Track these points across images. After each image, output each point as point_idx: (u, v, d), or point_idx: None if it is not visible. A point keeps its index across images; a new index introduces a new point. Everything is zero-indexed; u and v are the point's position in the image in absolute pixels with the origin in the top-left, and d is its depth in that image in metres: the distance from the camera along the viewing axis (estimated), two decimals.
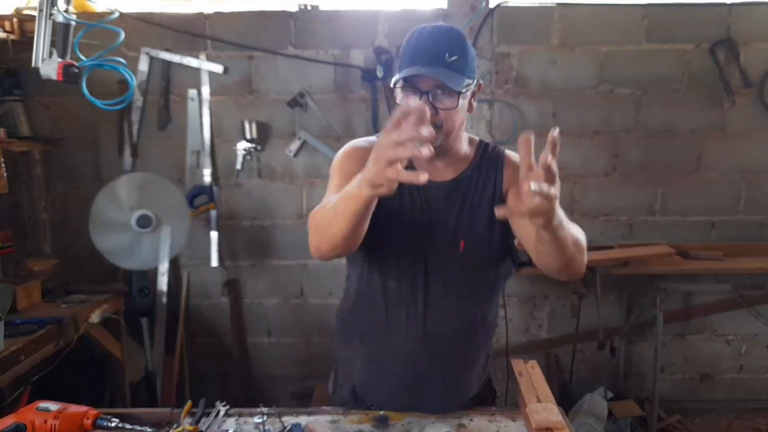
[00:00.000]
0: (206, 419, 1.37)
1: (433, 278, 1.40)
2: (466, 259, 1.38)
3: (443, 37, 1.29)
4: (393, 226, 1.38)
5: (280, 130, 3.17)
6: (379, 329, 1.46)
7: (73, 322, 2.50)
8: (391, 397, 1.47)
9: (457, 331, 1.43)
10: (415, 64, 1.26)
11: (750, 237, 3.24)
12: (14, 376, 2.17)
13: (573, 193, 3.23)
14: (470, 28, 3.05)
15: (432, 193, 1.40)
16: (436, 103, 1.28)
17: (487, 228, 1.39)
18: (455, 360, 1.46)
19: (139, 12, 3.05)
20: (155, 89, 3.11)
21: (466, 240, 1.37)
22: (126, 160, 3.16)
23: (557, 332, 3.37)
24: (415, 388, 1.46)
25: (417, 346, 1.43)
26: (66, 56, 2.28)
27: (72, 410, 1.32)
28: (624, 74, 3.12)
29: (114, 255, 2.81)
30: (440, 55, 1.27)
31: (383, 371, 1.48)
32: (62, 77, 2.24)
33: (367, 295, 1.47)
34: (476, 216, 1.39)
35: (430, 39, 1.29)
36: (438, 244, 1.38)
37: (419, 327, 1.42)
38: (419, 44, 1.30)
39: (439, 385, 1.46)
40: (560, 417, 1.26)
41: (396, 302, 1.42)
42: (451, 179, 1.41)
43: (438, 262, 1.39)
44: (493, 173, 1.42)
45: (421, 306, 1.41)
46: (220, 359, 3.37)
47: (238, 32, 3.08)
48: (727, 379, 3.43)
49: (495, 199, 1.39)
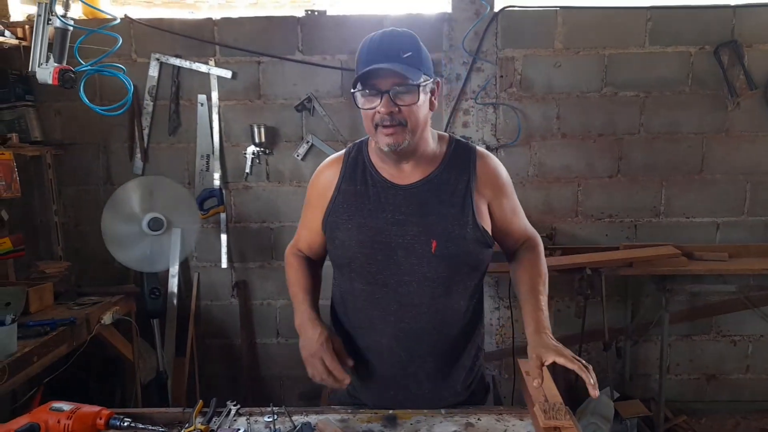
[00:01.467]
0: (217, 419, 1.38)
1: (406, 278, 1.42)
2: (439, 258, 1.40)
3: (395, 37, 1.33)
4: (363, 231, 1.42)
5: (288, 134, 3.21)
6: (359, 329, 1.51)
7: (85, 323, 2.53)
8: (378, 393, 1.52)
9: (434, 327, 1.46)
10: (370, 64, 1.29)
11: (755, 238, 3.24)
12: (27, 377, 2.20)
13: (577, 195, 3.25)
14: (475, 32, 3.08)
15: (401, 196, 1.42)
16: (397, 100, 1.30)
17: (459, 226, 1.41)
18: (435, 354, 1.49)
19: (149, 18, 3.10)
20: (165, 94, 3.16)
21: (438, 240, 1.39)
22: (137, 164, 3.20)
23: (563, 333, 3.36)
24: (400, 384, 1.50)
25: (394, 343, 1.47)
26: (63, 61, 2.27)
27: (85, 410, 1.33)
28: (628, 77, 3.13)
29: (125, 257, 2.84)
30: (395, 52, 1.30)
31: (368, 369, 1.52)
32: (57, 82, 2.23)
33: (346, 297, 1.52)
34: (448, 215, 1.41)
35: (382, 40, 1.33)
36: (409, 245, 1.40)
37: (395, 325, 1.45)
38: (372, 47, 1.33)
39: (424, 380, 1.50)
40: (568, 416, 1.27)
41: (371, 303, 1.46)
42: (419, 180, 1.43)
43: (410, 263, 1.41)
44: (466, 171, 1.44)
45: (395, 306, 1.44)
46: (230, 360, 3.41)
47: (247, 38, 3.12)
48: (734, 379, 3.43)
49: (467, 196, 1.42)
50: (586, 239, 3.28)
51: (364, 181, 1.45)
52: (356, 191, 1.44)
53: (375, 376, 1.52)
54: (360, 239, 1.42)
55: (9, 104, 3.00)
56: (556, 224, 3.27)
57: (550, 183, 3.24)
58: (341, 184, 1.46)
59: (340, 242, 1.45)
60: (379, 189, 1.43)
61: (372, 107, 1.32)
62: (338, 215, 1.45)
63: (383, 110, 1.31)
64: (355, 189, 1.45)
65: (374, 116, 1.33)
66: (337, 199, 1.46)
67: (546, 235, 3.15)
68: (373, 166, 1.46)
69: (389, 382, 1.51)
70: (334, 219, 1.46)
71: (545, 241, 3.09)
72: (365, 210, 1.42)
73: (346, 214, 1.44)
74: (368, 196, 1.43)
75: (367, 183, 1.44)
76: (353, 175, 1.46)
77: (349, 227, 1.42)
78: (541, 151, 3.21)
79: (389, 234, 1.41)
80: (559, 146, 3.20)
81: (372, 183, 1.44)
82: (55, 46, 2.26)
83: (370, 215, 1.42)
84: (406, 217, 1.41)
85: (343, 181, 1.46)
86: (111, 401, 3.14)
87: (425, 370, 1.49)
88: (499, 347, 3.36)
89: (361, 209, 1.42)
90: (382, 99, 1.30)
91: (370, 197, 1.43)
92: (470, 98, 3.16)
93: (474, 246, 1.43)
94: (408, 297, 1.43)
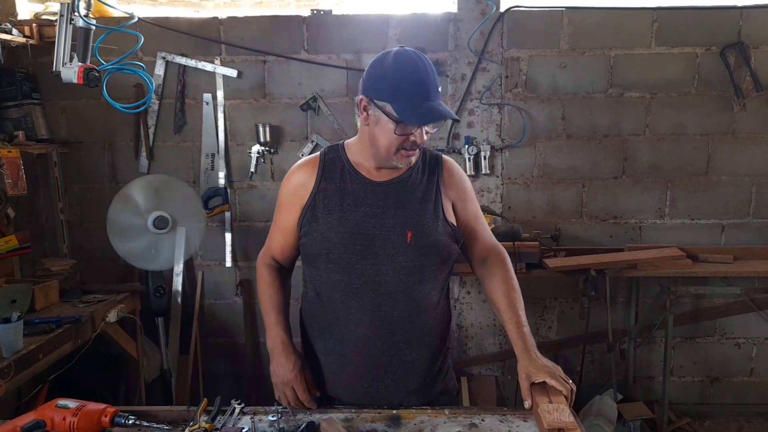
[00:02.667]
0: (222, 417, 1.39)
1: (383, 268, 1.49)
2: (414, 247, 1.49)
3: (429, 67, 1.41)
4: (342, 223, 1.50)
5: (292, 133, 3.22)
6: (336, 321, 1.55)
7: (90, 321, 2.55)
8: (350, 386, 1.56)
9: (408, 315, 1.52)
10: (425, 100, 1.38)
11: (760, 240, 3.23)
12: (32, 374, 2.21)
13: (582, 196, 3.25)
14: (481, 33, 3.08)
15: (377, 191, 1.52)
16: (428, 128, 1.45)
17: (432, 219, 1.52)
18: (410, 342, 1.54)
19: (155, 17, 3.11)
20: (171, 93, 3.17)
21: (413, 231, 1.49)
22: (142, 162, 3.21)
23: (567, 334, 3.38)
24: (374, 375, 1.54)
25: (371, 332, 1.51)
26: (86, 60, 2.31)
27: (90, 408, 1.34)
28: (633, 78, 3.13)
29: (130, 256, 2.85)
30: (435, 86, 1.41)
31: (342, 362, 1.56)
32: (83, 81, 2.28)
33: (323, 291, 1.56)
34: (422, 209, 1.52)
35: (424, 72, 1.40)
36: (386, 236, 1.49)
37: (372, 314, 1.50)
38: (420, 80, 1.39)
39: (397, 369, 1.54)
40: (572, 417, 1.27)
41: (348, 294, 1.51)
42: (395, 178, 1.54)
43: (387, 252, 1.49)
44: (435, 174, 1.57)
45: (372, 294, 1.50)
46: (234, 358, 3.42)
47: (252, 37, 3.13)
48: (738, 382, 3.42)
49: (437, 195, 1.55)
50: (591, 240, 3.27)
51: (343, 178, 1.54)
52: (336, 188, 1.53)
53: (349, 368, 1.55)
54: (339, 231, 1.49)
55: (16, 102, 3.01)
56: (561, 225, 3.26)
57: (554, 184, 3.24)
58: (320, 183, 1.54)
59: (318, 234, 1.51)
60: (357, 186, 1.52)
61: (405, 134, 1.41)
62: (317, 210, 1.52)
63: (420, 141, 1.44)
64: (335, 186, 1.53)
65: (403, 141, 1.43)
66: (316, 197, 1.53)
67: (550, 235, 3.15)
68: (352, 165, 1.55)
69: (363, 373, 1.55)
70: (312, 214, 1.53)
71: (549, 241, 3.11)
72: (345, 204, 1.51)
73: (327, 209, 1.51)
74: (348, 192, 1.52)
75: (346, 180, 1.53)
76: (332, 174, 1.55)
77: (330, 220, 1.50)
78: (546, 152, 3.21)
79: (367, 226, 1.49)
80: (564, 147, 3.20)
81: (351, 180, 1.53)
82: (79, 45, 2.29)
83: (349, 209, 1.50)
84: (384, 210, 1.50)
85: (322, 180, 1.54)
86: (115, 399, 3.15)
87: (400, 358, 1.53)
88: (502, 348, 3.36)
89: (341, 204, 1.51)
90: (419, 130, 1.42)
91: (349, 193, 1.52)
92: (475, 98, 3.16)
93: (445, 238, 1.53)
94: (384, 285, 1.49)
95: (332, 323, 1.55)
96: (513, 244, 2.84)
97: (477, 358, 3.40)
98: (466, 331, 3.37)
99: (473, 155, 3.13)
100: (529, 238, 3.00)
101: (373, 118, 1.43)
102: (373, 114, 1.43)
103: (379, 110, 1.40)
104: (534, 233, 3.07)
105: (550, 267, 2.89)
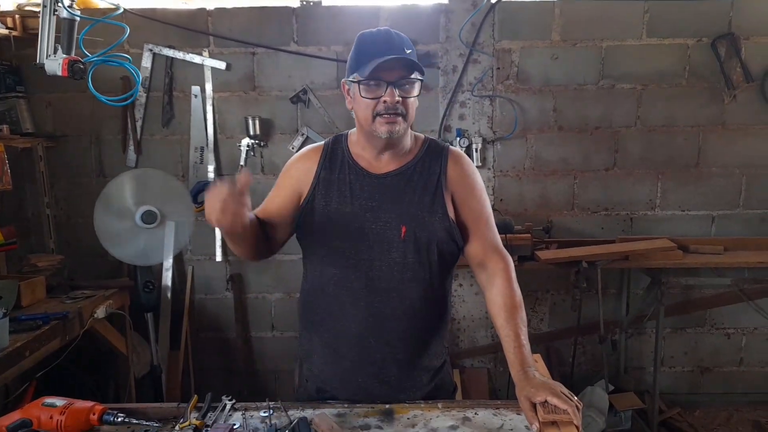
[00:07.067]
0: (212, 413, 1.37)
1: (376, 263, 1.47)
2: (407, 243, 1.46)
3: (394, 35, 1.42)
4: (338, 216, 1.48)
5: (282, 126, 3.19)
6: (330, 316, 1.53)
7: (78, 317, 2.51)
8: (346, 381, 1.54)
9: (403, 312, 1.49)
10: (375, 56, 1.35)
11: (750, 231, 3.25)
12: (19, 372, 2.17)
13: (574, 188, 3.25)
14: (472, 24, 3.06)
15: (374, 183, 1.49)
16: (402, 92, 1.39)
17: (429, 213, 1.47)
18: (403, 339, 1.51)
19: (142, 8, 3.06)
20: (158, 86, 3.13)
21: (407, 225, 1.45)
22: (130, 156, 3.17)
23: (558, 326, 3.39)
24: (369, 371, 1.52)
25: (364, 328, 1.49)
26: (71, 52, 2.27)
27: (78, 405, 1.32)
28: (625, 69, 3.12)
29: (119, 251, 2.81)
30: (398, 47, 1.38)
31: (337, 357, 1.54)
32: (67, 73, 2.24)
33: (317, 284, 1.54)
34: (417, 203, 1.47)
35: (383, 37, 1.40)
36: (381, 230, 1.46)
37: (364, 310, 1.48)
38: (377, 39, 1.40)
39: (392, 366, 1.52)
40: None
41: (342, 288, 1.49)
42: (393, 170, 1.50)
43: (381, 247, 1.46)
44: (437, 165, 1.51)
45: (365, 291, 1.47)
46: (225, 354, 3.40)
47: (241, 28, 3.09)
48: (728, 372, 3.44)
49: (438, 188, 1.49)
50: (582, 232, 3.27)
51: (342, 169, 1.52)
52: (334, 179, 1.51)
53: (344, 364, 1.54)
54: (335, 224, 1.48)
55: None
56: (553, 217, 3.26)
57: (546, 176, 3.24)
58: (320, 172, 1.52)
59: (316, 227, 1.50)
60: (354, 177, 1.50)
61: (375, 97, 1.38)
62: (316, 202, 1.50)
63: (389, 100, 1.37)
64: (334, 177, 1.51)
65: (376, 106, 1.39)
66: (316, 188, 1.51)
67: (542, 228, 3.14)
68: (351, 156, 1.53)
69: (358, 369, 1.53)
70: (311, 206, 1.51)
71: (541, 234, 3.10)
72: (341, 196, 1.48)
73: (324, 201, 1.49)
74: (345, 183, 1.50)
75: (344, 171, 1.51)
76: (332, 164, 1.53)
77: (326, 212, 1.48)
78: (538, 144, 3.20)
79: (362, 219, 1.46)
80: (556, 139, 3.19)
81: (348, 171, 1.51)
82: (63, 37, 2.25)
83: (345, 201, 1.48)
84: (379, 204, 1.47)
85: (323, 169, 1.52)
86: (104, 396, 3.12)
87: (394, 355, 1.51)
88: (494, 340, 3.37)
89: (338, 195, 1.49)
90: (387, 90, 1.37)
91: (347, 184, 1.49)
92: (467, 90, 3.14)
93: (442, 234, 1.48)
94: (378, 281, 1.47)
95: (327, 317, 1.54)
96: (505, 236, 2.81)
97: (469, 350, 3.40)
98: (458, 324, 3.36)
99: (465, 148, 3.11)
100: (521, 231, 3.00)
101: (352, 97, 1.44)
102: (351, 92, 1.44)
103: (352, 84, 1.42)
104: (526, 225, 3.06)
105: (542, 259, 2.89)
